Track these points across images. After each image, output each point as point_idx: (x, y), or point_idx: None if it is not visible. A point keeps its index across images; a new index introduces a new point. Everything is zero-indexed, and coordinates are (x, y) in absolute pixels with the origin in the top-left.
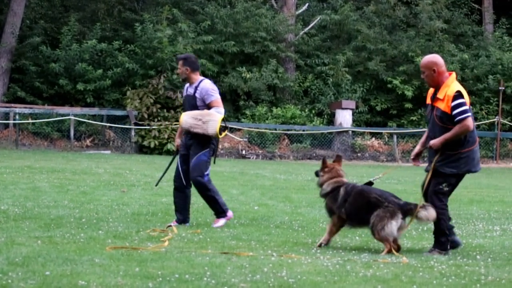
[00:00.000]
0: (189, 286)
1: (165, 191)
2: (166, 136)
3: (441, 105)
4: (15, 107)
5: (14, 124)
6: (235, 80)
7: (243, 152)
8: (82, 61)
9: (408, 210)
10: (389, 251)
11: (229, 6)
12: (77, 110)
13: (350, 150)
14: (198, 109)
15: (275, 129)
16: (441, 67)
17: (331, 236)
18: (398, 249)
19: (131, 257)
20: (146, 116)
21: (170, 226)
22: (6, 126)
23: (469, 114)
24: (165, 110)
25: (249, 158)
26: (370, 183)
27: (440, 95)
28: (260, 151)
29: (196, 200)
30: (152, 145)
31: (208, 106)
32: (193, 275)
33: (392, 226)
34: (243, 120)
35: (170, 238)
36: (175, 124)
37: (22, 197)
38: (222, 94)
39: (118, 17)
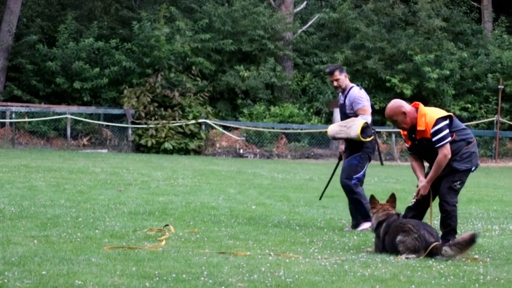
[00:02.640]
0: (186, 285)
1: (162, 190)
2: (163, 135)
3: (427, 134)
4: (12, 106)
5: (11, 123)
6: (233, 78)
7: (241, 151)
8: (79, 60)
9: (431, 249)
10: None
11: (227, 4)
12: (74, 108)
13: None
14: (348, 116)
15: (273, 128)
16: (407, 107)
17: None
18: None
19: (128, 257)
20: (143, 114)
21: (167, 225)
22: (3, 124)
23: (447, 140)
24: (162, 109)
25: (247, 157)
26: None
27: (420, 127)
28: (257, 150)
29: (193, 199)
30: (149, 144)
31: (356, 114)
32: (190, 274)
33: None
34: (240, 118)
35: (167, 237)
36: (172, 123)
37: (18, 196)
38: (219, 93)
39: (115, 15)
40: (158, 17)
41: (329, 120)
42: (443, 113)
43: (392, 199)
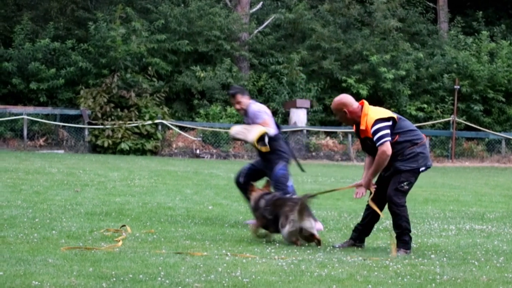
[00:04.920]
0: (143, 286)
1: (119, 190)
2: (119, 136)
3: (368, 134)
4: None
5: None
6: (189, 79)
7: (197, 151)
8: (35, 60)
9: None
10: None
11: (182, 5)
12: (30, 109)
13: (305, 149)
14: None
15: (229, 128)
16: (351, 106)
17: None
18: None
19: (84, 257)
20: (99, 115)
21: (124, 226)
22: None
23: (386, 139)
24: (118, 110)
25: (204, 157)
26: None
27: (362, 126)
28: (214, 151)
29: (150, 199)
30: (105, 144)
31: None
32: (147, 275)
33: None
34: (197, 119)
35: (123, 238)
36: (129, 124)
37: None
38: (175, 94)
39: (71, 16)
40: (114, 17)
41: (285, 121)
42: (386, 114)
43: (268, 184)
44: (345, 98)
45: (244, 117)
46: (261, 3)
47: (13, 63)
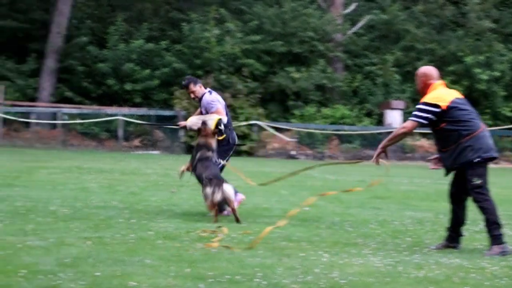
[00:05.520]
0: (240, 287)
1: None
2: None
3: None
4: (63, 107)
5: (63, 125)
6: (284, 80)
7: (293, 152)
8: (130, 61)
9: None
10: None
11: (276, 6)
12: (125, 110)
13: (400, 150)
14: None
15: (324, 129)
16: (429, 79)
17: None
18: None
19: (181, 258)
20: None
21: (220, 226)
22: (54, 126)
23: (414, 118)
24: None
25: (298, 158)
26: None
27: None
28: (309, 151)
29: (246, 200)
30: None
31: None
32: (244, 276)
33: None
34: (292, 120)
35: (220, 239)
36: None
37: (71, 198)
38: (270, 95)
39: (165, 17)
40: (208, 18)
41: (380, 122)
42: (436, 100)
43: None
44: (430, 70)
45: (200, 106)
46: (355, 4)
47: (107, 64)
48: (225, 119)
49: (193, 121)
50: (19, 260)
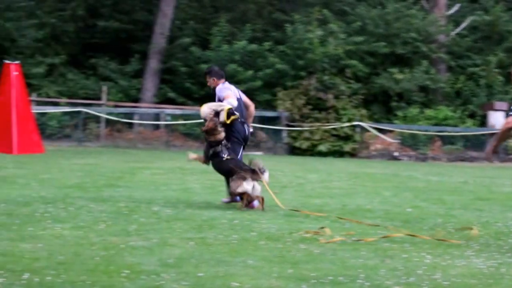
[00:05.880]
0: None
1: (317, 192)
2: (317, 137)
3: None
4: (166, 108)
5: (166, 125)
6: (387, 81)
7: (396, 153)
8: (233, 62)
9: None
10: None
11: (380, 7)
12: None
13: (503, 152)
14: None
15: (427, 131)
16: None
17: None
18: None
19: (284, 259)
20: (297, 117)
21: (323, 227)
22: (157, 127)
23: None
24: (316, 111)
25: (401, 159)
26: None
27: None
28: (412, 153)
29: (349, 201)
30: (303, 146)
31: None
32: (347, 277)
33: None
34: (395, 121)
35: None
36: (327, 125)
37: (174, 198)
38: (373, 96)
39: (268, 18)
40: (311, 19)
41: (483, 123)
42: None
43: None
44: None
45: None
46: (458, 5)
47: (210, 65)
48: (234, 103)
49: (206, 112)
50: (122, 260)
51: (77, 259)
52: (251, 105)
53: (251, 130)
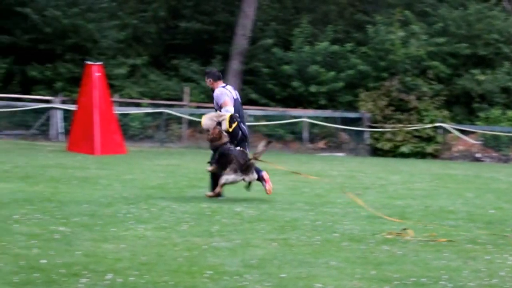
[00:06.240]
0: None
1: (400, 194)
2: (399, 139)
3: None
4: (248, 109)
5: (248, 126)
6: (469, 82)
7: (478, 155)
8: (315, 63)
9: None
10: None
11: (461, 8)
12: (310, 112)
13: None
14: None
15: (510, 132)
16: None
17: None
18: None
19: (366, 260)
20: (379, 118)
21: (406, 229)
22: None
23: None
24: (398, 113)
25: (484, 161)
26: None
27: None
28: (494, 154)
29: (431, 203)
30: (386, 147)
31: (220, 107)
32: (429, 278)
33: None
34: (477, 122)
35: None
36: (409, 127)
37: (256, 199)
38: (455, 97)
39: (350, 19)
40: (393, 21)
41: None
42: None
43: None
44: None
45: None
46: None
47: (292, 66)
48: (231, 109)
49: (208, 124)
50: (204, 261)
51: (159, 260)
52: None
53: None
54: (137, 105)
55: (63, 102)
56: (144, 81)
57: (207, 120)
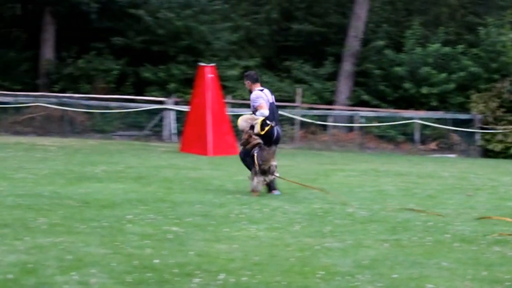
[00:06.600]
0: None
1: (511, 195)
2: (511, 140)
3: None
4: (360, 111)
5: (360, 127)
6: None
7: None
8: (426, 65)
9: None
10: None
11: None
12: (422, 113)
13: None
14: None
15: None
16: None
17: None
18: None
19: (478, 261)
20: (491, 120)
21: None
22: (351, 129)
23: None
24: (509, 114)
25: None
26: None
27: None
28: None
29: None
30: (497, 149)
31: (256, 108)
32: None
33: None
34: None
35: None
36: None
37: (368, 200)
38: None
39: (461, 21)
40: (504, 22)
41: None
42: None
43: None
44: None
45: None
46: None
47: (404, 68)
48: (265, 112)
49: (243, 125)
50: (317, 261)
51: (272, 260)
52: None
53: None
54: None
55: (176, 103)
56: None
57: (242, 121)
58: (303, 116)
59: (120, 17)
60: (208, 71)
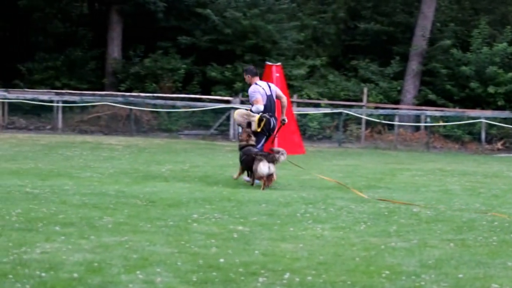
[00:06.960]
0: None
1: None
2: None
3: None
4: (426, 110)
5: (426, 127)
6: None
7: None
8: (493, 64)
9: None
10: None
11: None
12: (488, 113)
13: None
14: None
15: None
16: None
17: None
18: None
19: None
20: None
21: None
22: (418, 128)
23: None
24: None
25: None
26: None
27: None
28: None
29: None
30: None
31: (252, 103)
32: None
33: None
34: None
35: None
36: None
37: (433, 200)
38: None
39: None
40: None
41: None
42: None
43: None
44: None
45: None
46: None
47: (471, 67)
48: (261, 108)
49: (240, 120)
50: (382, 261)
51: (337, 260)
52: (283, 97)
53: (285, 119)
54: (316, 105)
55: (242, 102)
56: (323, 82)
57: (238, 116)
58: (369, 115)
59: (186, 16)
60: (275, 70)
